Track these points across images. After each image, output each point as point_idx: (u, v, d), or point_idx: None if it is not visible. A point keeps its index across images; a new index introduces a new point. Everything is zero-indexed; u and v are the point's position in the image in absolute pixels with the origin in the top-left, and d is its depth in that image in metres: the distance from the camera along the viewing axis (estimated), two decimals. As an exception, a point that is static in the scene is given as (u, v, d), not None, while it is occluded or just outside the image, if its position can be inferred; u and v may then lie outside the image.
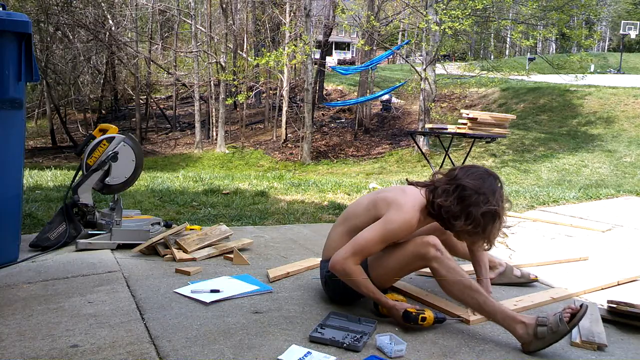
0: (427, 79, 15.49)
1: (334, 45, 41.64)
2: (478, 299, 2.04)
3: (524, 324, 1.96)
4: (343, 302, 2.34)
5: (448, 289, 2.13)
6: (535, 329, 1.92)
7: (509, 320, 1.99)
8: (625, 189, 6.94)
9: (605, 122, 16.76)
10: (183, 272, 2.69)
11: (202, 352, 1.83)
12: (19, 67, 2.65)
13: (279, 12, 22.11)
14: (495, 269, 2.73)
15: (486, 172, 2.12)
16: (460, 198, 2.03)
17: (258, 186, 5.85)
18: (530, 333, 1.93)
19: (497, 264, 2.74)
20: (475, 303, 2.06)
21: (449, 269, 2.10)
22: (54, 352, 1.79)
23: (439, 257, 2.10)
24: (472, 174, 2.08)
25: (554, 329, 1.89)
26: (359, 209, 2.32)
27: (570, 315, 1.90)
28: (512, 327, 1.98)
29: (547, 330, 1.90)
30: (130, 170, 3.24)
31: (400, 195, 2.21)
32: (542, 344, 1.91)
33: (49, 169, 7.40)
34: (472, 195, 2.02)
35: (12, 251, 2.78)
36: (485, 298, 2.03)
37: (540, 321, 1.93)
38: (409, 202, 2.15)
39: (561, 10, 15.36)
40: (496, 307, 2.02)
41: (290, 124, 20.96)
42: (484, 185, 2.05)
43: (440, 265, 2.10)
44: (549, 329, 1.90)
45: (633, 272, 3.02)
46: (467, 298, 2.07)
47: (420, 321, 2.05)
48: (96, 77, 26.21)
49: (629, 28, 30.40)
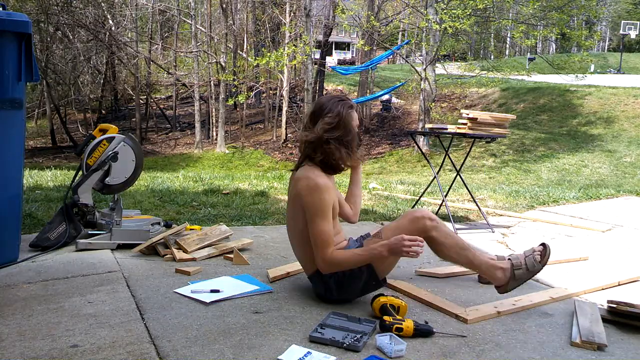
0: (427, 79, 15.48)
1: (334, 45, 41.63)
2: (468, 255, 2.32)
3: (502, 270, 2.31)
4: (339, 300, 2.33)
5: (445, 253, 2.34)
6: (512, 272, 2.28)
7: (492, 269, 2.31)
8: (625, 189, 6.94)
9: (605, 122, 16.76)
10: (183, 272, 2.69)
11: (202, 352, 1.83)
12: (19, 67, 2.65)
13: (279, 12, 22.11)
14: None
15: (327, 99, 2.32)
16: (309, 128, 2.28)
17: (258, 186, 5.85)
18: (507, 275, 2.29)
19: None
20: (467, 260, 2.33)
21: (446, 235, 2.31)
22: (54, 352, 1.79)
23: (436, 225, 2.30)
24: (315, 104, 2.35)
25: (530, 269, 2.28)
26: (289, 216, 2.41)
27: (541, 255, 2.27)
28: (494, 273, 2.31)
29: (523, 271, 2.28)
30: (130, 170, 3.24)
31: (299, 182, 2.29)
32: (517, 284, 2.30)
33: (49, 169, 7.40)
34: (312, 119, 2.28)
35: (12, 251, 2.78)
36: (473, 254, 2.33)
37: (515, 265, 2.30)
38: (304, 174, 2.27)
39: (561, 10, 15.36)
40: (482, 259, 2.33)
41: (290, 124, 20.96)
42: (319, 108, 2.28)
43: (439, 233, 2.30)
44: (525, 269, 2.27)
45: (633, 272, 3.02)
46: (462, 258, 2.33)
47: (395, 331, 1.97)
48: (96, 77, 26.20)
49: (629, 28, 30.38)
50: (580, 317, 2.21)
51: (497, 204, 5.38)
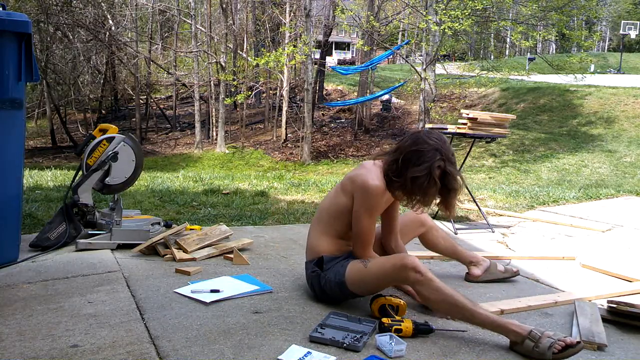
0: (426, 79, 15.48)
1: (334, 45, 41.63)
2: (465, 313, 2.02)
3: (514, 333, 1.94)
4: (330, 302, 2.34)
5: (434, 308, 2.19)
6: (524, 340, 1.90)
7: (499, 329, 1.98)
8: (625, 189, 6.94)
9: (605, 122, 16.75)
10: (183, 272, 2.69)
11: (202, 352, 1.83)
12: (19, 67, 2.65)
13: (279, 12, 22.09)
14: (479, 265, 2.74)
15: (431, 133, 2.13)
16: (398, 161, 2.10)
17: (258, 186, 5.85)
18: (517, 342, 1.92)
19: (480, 260, 2.75)
20: (463, 318, 2.05)
21: (432, 290, 2.06)
22: (54, 352, 1.79)
23: (420, 280, 2.07)
24: (416, 138, 2.11)
25: (540, 351, 1.86)
26: (327, 203, 2.39)
27: (562, 348, 1.85)
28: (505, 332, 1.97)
29: (533, 347, 1.88)
30: (130, 170, 3.24)
31: (360, 171, 2.28)
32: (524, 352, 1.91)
33: (49, 169, 7.40)
34: (407, 157, 2.08)
35: (12, 251, 2.78)
36: (472, 311, 2.00)
37: (532, 335, 1.90)
38: (371, 174, 2.22)
39: (561, 11, 15.35)
40: (484, 317, 2.00)
41: (290, 124, 20.94)
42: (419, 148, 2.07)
43: (422, 287, 2.08)
44: (536, 347, 1.87)
45: (634, 272, 3.01)
46: (455, 315, 2.11)
47: (395, 332, 1.98)
48: (96, 77, 26.19)
49: (629, 28, 30.39)
50: (580, 317, 2.21)
51: (497, 204, 5.38)
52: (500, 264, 2.82)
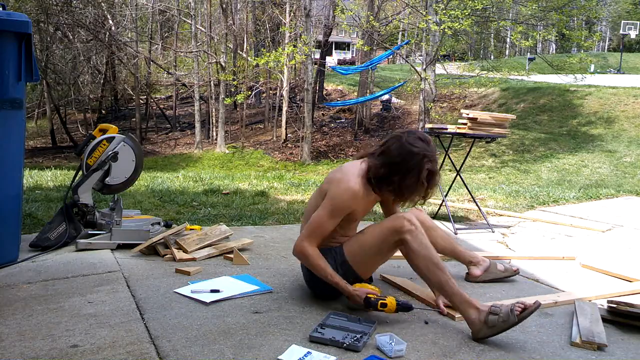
0: (426, 79, 15.48)
1: (334, 45, 41.63)
2: (441, 277, 2.09)
3: (477, 310, 2.01)
4: (330, 296, 2.34)
5: (415, 263, 2.18)
6: (487, 316, 1.98)
7: (465, 304, 2.04)
8: (625, 189, 6.94)
9: (605, 122, 16.75)
10: (183, 272, 2.69)
11: (202, 352, 1.83)
12: (19, 67, 2.65)
13: (279, 12, 22.10)
14: (479, 265, 2.74)
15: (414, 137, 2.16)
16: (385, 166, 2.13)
17: (258, 186, 5.85)
18: (481, 319, 1.99)
19: (480, 260, 2.75)
20: (437, 281, 2.11)
21: (421, 244, 2.13)
22: (54, 352, 1.79)
23: (412, 230, 2.14)
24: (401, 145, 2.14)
25: (504, 319, 1.95)
26: (309, 205, 2.38)
27: (522, 309, 1.96)
28: (467, 311, 2.03)
29: (497, 319, 1.96)
30: (130, 170, 3.24)
31: (339, 171, 2.29)
32: (490, 332, 1.97)
33: (49, 169, 7.40)
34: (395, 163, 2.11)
35: (12, 251, 2.78)
36: (448, 279, 2.08)
37: (492, 310, 1.99)
38: (349, 172, 2.23)
39: (561, 11, 15.35)
40: (455, 289, 2.07)
41: (290, 124, 20.95)
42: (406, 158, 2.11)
43: (413, 238, 2.13)
44: (500, 317, 1.95)
45: (634, 272, 3.01)
46: (431, 275, 2.12)
47: (380, 307, 2.08)
48: (96, 77, 26.17)
49: (629, 28, 30.38)
50: (580, 317, 2.21)
51: (497, 204, 5.38)
52: (500, 264, 2.82)
